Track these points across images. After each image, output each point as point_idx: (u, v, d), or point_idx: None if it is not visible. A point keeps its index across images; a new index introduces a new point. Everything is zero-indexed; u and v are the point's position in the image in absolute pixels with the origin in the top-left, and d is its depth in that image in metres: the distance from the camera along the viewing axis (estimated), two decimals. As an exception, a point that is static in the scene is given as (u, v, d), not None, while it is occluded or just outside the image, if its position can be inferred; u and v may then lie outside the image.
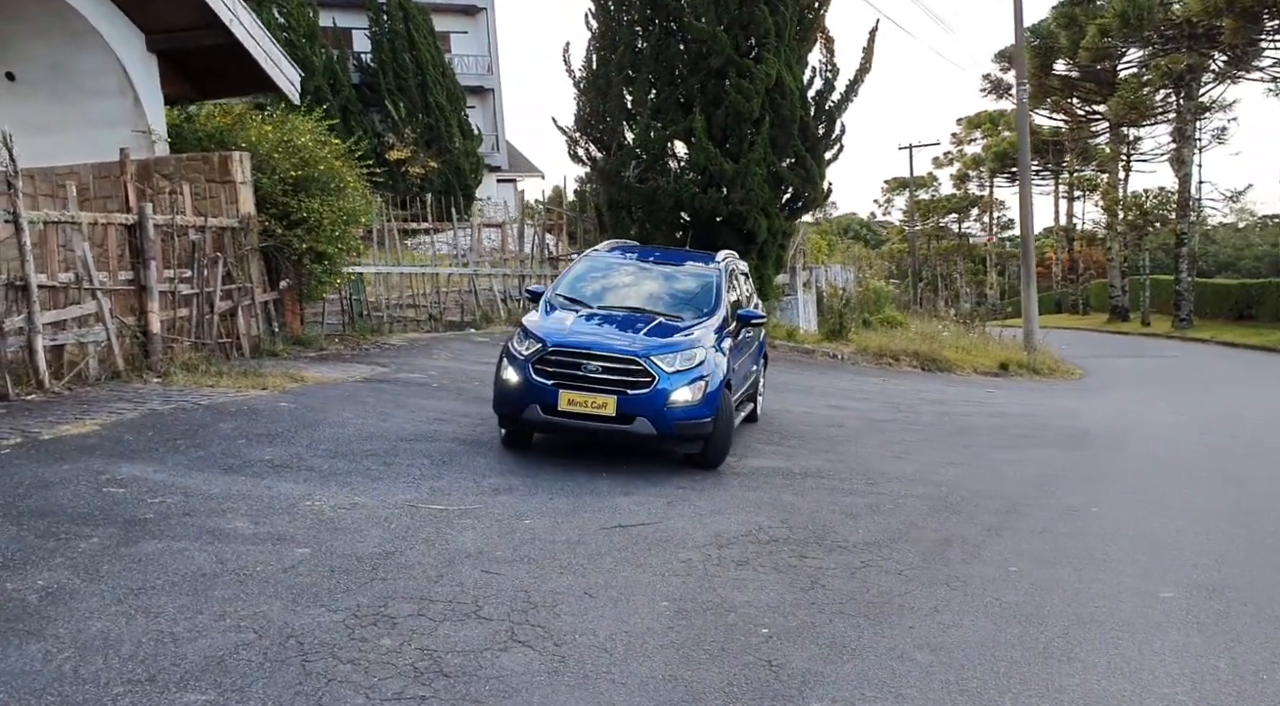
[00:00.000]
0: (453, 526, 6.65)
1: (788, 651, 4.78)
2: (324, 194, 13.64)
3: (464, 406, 10.84)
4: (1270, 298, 46.18)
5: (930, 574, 6.03)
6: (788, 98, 18.11)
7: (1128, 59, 50.86)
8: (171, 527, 6.24)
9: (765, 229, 18.05)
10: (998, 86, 58.74)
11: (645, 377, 8.13)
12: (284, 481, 7.42)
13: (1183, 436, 12.15)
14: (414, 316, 17.49)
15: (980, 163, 76.37)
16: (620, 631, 5.00)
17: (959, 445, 10.74)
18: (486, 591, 5.51)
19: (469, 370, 13.28)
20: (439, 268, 17.84)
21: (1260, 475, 9.76)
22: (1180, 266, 44.84)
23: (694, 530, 6.81)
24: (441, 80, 38.51)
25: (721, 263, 10.32)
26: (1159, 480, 9.23)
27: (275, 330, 13.70)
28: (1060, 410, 14.26)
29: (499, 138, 47.64)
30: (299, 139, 13.83)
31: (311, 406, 10.09)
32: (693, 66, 18.32)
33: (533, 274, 19.41)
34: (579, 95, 19.57)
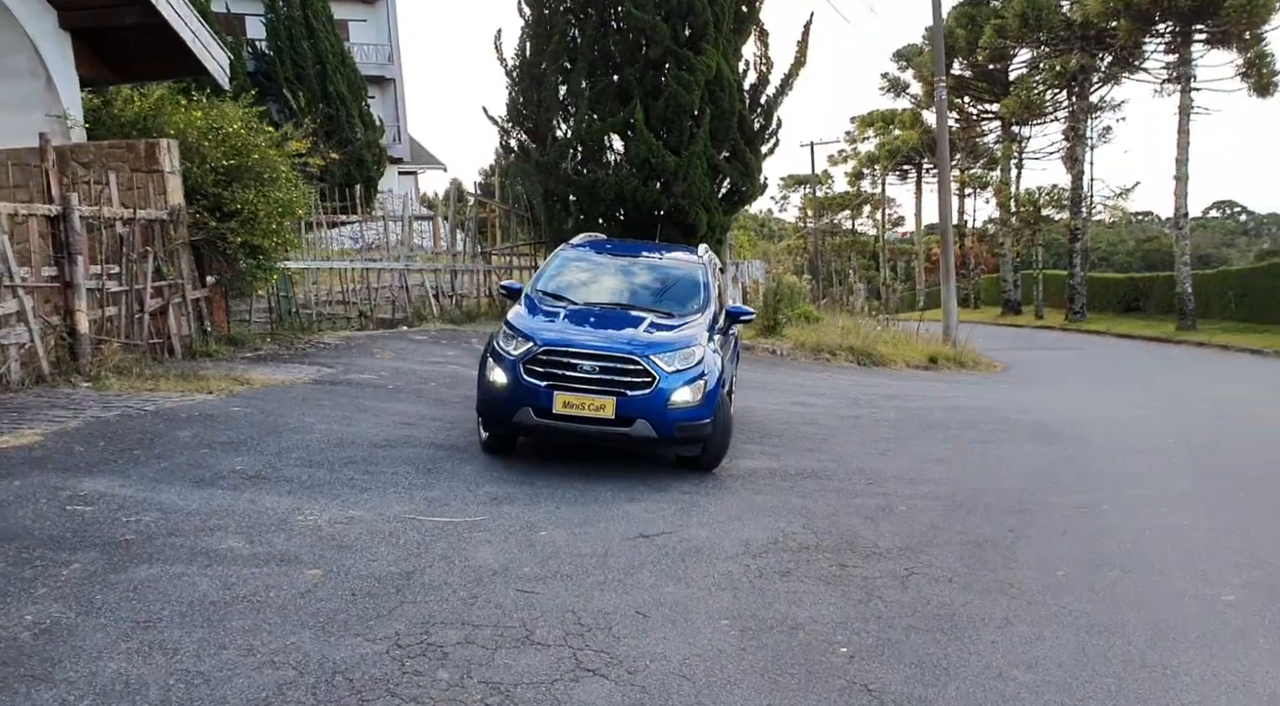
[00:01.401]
0: (466, 541, 6.19)
1: (878, 673, 4.49)
2: (258, 184, 12.88)
3: (428, 409, 10.30)
4: (1157, 291, 48.09)
5: (980, 580, 5.83)
6: (726, 90, 17.89)
7: (1019, 60, 52.31)
8: (159, 549, 5.65)
9: (705, 223, 17.82)
10: (895, 85, 59.76)
11: (645, 378, 7.76)
12: (266, 494, 6.85)
13: (1144, 427, 12.30)
14: (344, 313, 16.74)
15: (875, 161, 77.67)
16: (692, 655, 4.65)
17: (936, 440, 10.65)
18: (530, 613, 5.09)
19: (420, 370, 12.69)
20: (370, 263, 17.10)
21: (1242, 465, 9.89)
22: (1074, 261, 46.29)
23: (720, 539, 6.48)
24: (342, 69, 37.24)
25: (705, 256, 10.02)
26: (1149, 474, 9.25)
27: (207, 330, 12.90)
28: (1010, 403, 14.36)
29: (401, 129, 46.45)
30: (230, 126, 13.03)
31: (268, 411, 9.45)
32: (630, 56, 17.96)
33: (465, 269, 18.81)
34: (511, 85, 19.01)
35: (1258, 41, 38.11)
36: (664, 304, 8.98)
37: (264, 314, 15.32)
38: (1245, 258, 77.75)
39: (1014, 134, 55.15)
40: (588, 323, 8.40)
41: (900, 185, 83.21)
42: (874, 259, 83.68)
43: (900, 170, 78.72)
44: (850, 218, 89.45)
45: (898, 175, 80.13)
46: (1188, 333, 34.65)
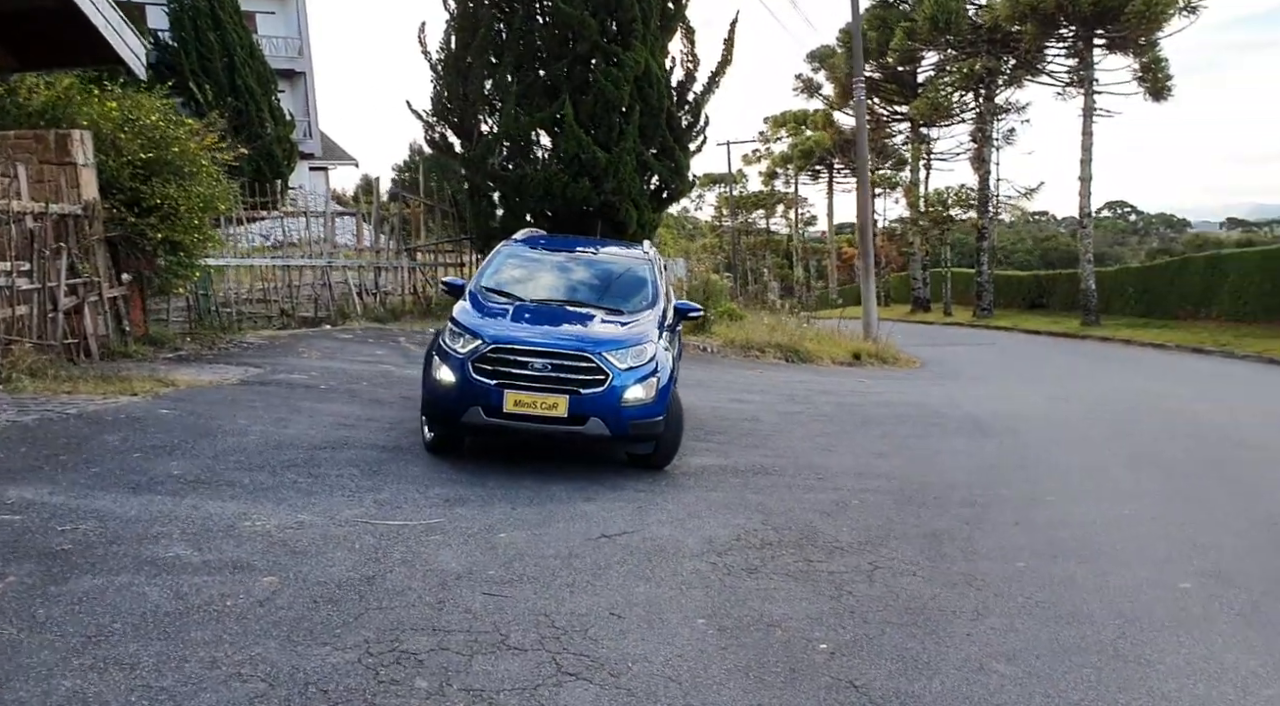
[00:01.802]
0: (424, 544, 6.02)
1: (861, 669, 4.47)
2: (179, 179, 12.40)
3: (364, 410, 10.04)
4: (1060, 288, 49.55)
5: (944, 573, 5.86)
6: (655, 86, 17.84)
7: (926, 63, 53.40)
8: (101, 559, 5.36)
9: (635, 220, 17.74)
10: (809, 86, 60.50)
11: (598, 375, 7.65)
12: (208, 499, 6.57)
13: (1068, 420, 12.59)
14: (265, 312, 16.26)
15: (788, 161, 78.52)
16: (674, 656, 4.57)
17: (874, 435, 10.74)
18: (502, 616, 4.95)
19: (350, 370, 12.37)
20: (292, 260, 16.63)
21: (1165, 454, 10.17)
22: (981, 259, 47.45)
23: (683, 537, 6.41)
24: (250, 62, 36.17)
25: (651, 251, 9.94)
26: (1084, 466, 9.44)
27: (125, 329, 12.37)
28: (937, 398, 14.59)
29: (312, 124, 45.40)
30: (147, 117, 12.52)
31: (198, 413, 9.09)
32: (557, 51, 17.79)
33: (389, 266, 18.42)
34: (436, 79, 18.68)
35: (1152, 47, 39.50)
36: (612, 300, 8.87)
37: (182, 313, 14.78)
38: (1137, 255, 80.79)
39: (922, 135, 56.26)
40: (537, 319, 8.25)
41: (813, 185, 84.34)
42: (787, 257, 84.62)
43: (813, 170, 79.81)
44: (764, 217, 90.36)
45: (810, 175, 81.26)
46: (1092, 328, 35.74)
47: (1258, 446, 10.64)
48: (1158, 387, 16.91)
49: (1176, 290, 35.48)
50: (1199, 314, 33.13)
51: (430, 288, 19.31)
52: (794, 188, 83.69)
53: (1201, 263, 34.62)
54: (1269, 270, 28.68)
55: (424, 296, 19.00)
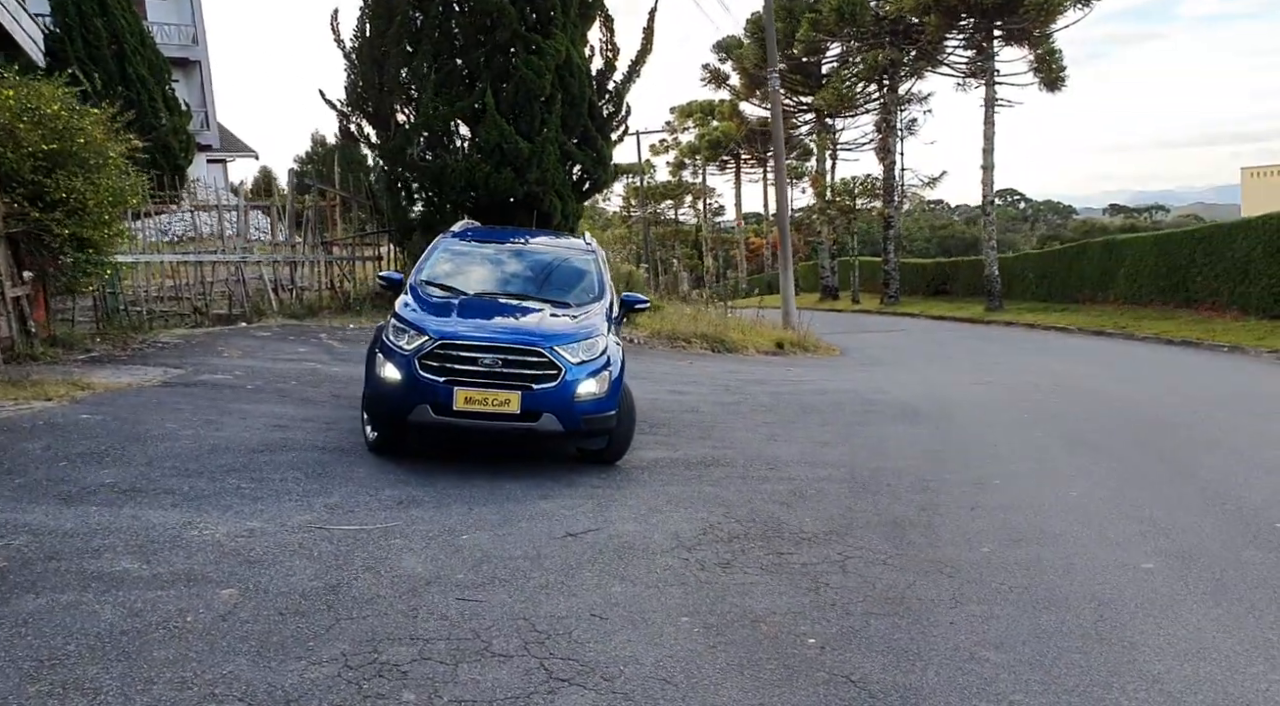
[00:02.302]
0: (384, 549, 5.80)
1: (854, 662, 4.42)
2: (85, 171, 11.80)
3: (297, 410, 9.69)
4: (962, 274, 50.77)
5: (913, 561, 5.87)
6: (577, 75, 17.63)
7: (830, 54, 54.03)
8: (42, 576, 5.04)
9: (560, 211, 17.53)
10: (716, 76, 60.74)
11: (550, 370, 7.49)
12: (148, 509, 6.24)
13: (994, 404, 12.81)
14: (177, 310, 15.63)
15: (696, 151, 78.89)
16: (664, 657, 4.46)
17: (814, 424, 10.78)
18: (480, 622, 4.79)
19: (275, 369, 11.95)
20: (205, 255, 16.02)
21: (1094, 434, 10.40)
22: (888, 247, 48.30)
23: (649, 533, 6.30)
24: (141, 50, 34.68)
25: (593, 243, 9.79)
26: (1023, 448, 9.59)
27: (31, 331, 11.75)
28: (864, 385, 14.74)
29: (209, 114, 43.89)
30: (48, 107, 11.87)
31: (122, 417, 8.67)
32: (475, 40, 17.44)
33: (306, 259, 17.88)
34: (350, 68, 18.16)
35: (1047, 39, 40.65)
36: (558, 293, 8.71)
37: (89, 312, 14.12)
38: (1030, 241, 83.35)
39: (828, 126, 56.99)
40: (484, 313, 8.04)
41: (720, 175, 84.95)
42: (696, 248, 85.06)
43: (720, 161, 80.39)
44: (673, 208, 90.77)
45: (717, 166, 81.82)
46: (996, 313, 36.66)
47: (1184, 426, 10.96)
48: (1071, 370, 17.37)
49: (1075, 275, 36.59)
50: (1097, 297, 34.22)
51: (348, 282, 18.82)
52: (702, 178, 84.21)
53: (1098, 248, 35.76)
54: (1162, 254, 29.75)
55: (341, 291, 18.50)
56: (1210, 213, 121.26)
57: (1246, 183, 52.18)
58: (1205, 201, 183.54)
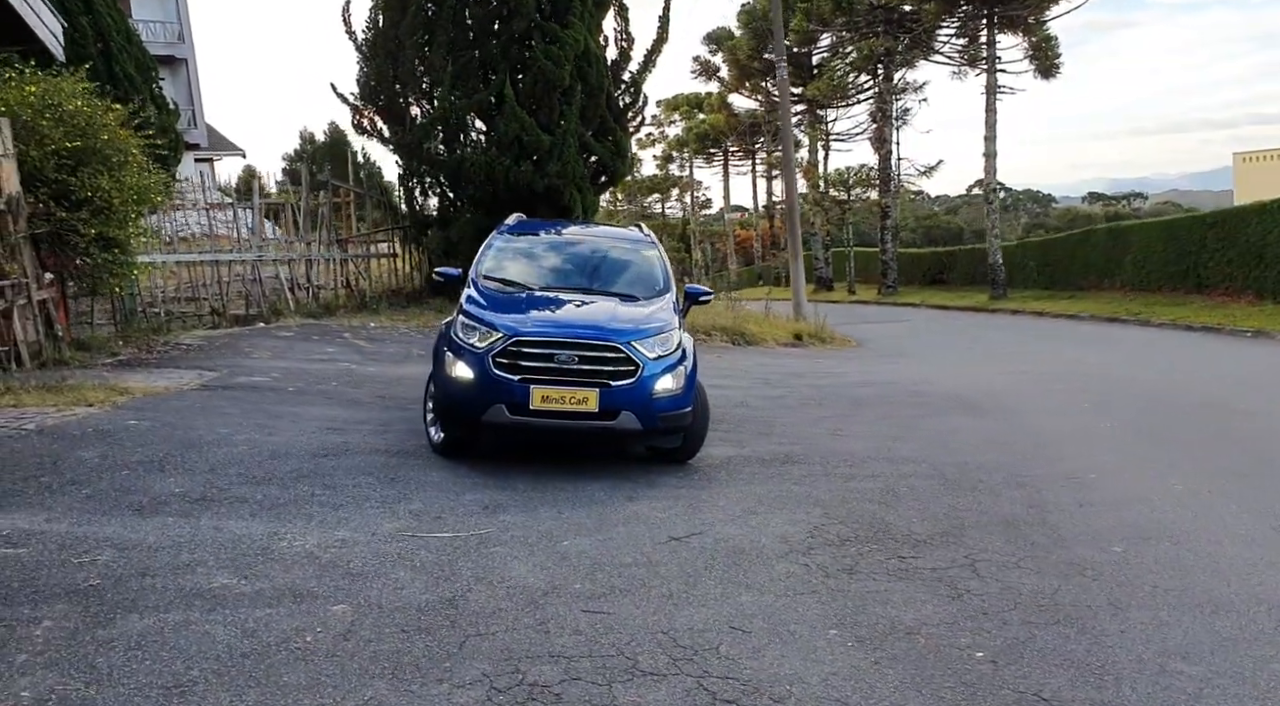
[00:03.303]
0: (488, 558, 5.51)
1: (1037, 679, 4.13)
2: (109, 169, 11.44)
3: (346, 412, 9.37)
4: (960, 263, 50.69)
5: (1047, 563, 5.58)
6: (595, 65, 17.33)
7: (821, 45, 53.73)
8: (140, 594, 4.73)
9: (580, 203, 17.24)
10: (707, 68, 60.50)
11: (628, 367, 7.20)
12: (227, 519, 5.93)
13: (1043, 393, 12.55)
14: (195, 311, 15.26)
15: (684, 144, 78.52)
16: (828, 675, 4.16)
17: (873, 418, 10.51)
18: (618, 637, 4.49)
19: (310, 369, 11.62)
20: (221, 254, 15.64)
21: (1159, 425, 10.17)
22: (885, 237, 48.08)
23: (755, 537, 6.02)
24: (128, 48, 34.07)
25: (650, 233, 9.50)
26: (1098, 439, 9.30)
27: (58, 334, 11.39)
28: (904, 376, 14.50)
29: (196, 113, 43.31)
30: (70, 103, 11.50)
31: (170, 423, 8.34)
32: (492, 31, 17.11)
33: (322, 258, 17.51)
34: (363, 61, 17.80)
35: (1042, 26, 40.55)
36: (624, 286, 8.41)
37: (106, 314, 13.75)
38: (1015, 230, 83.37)
39: (820, 117, 56.79)
40: (554, 309, 7.75)
41: (707, 168, 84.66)
42: (683, 241, 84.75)
43: (708, 153, 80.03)
44: (660, 201, 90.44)
45: (704, 159, 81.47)
46: (1001, 301, 36.53)
47: (1251, 414, 10.73)
48: (1100, 358, 17.19)
49: (1079, 262, 36.48)
50: (1103, 284, 34.11)
51: (363, 280, 18.46)
52: (689, 171, 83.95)
53: (1103, 234, 35.66)
54: (1171, 240, 29.64)
55: (357, 289, 18.14)
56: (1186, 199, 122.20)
57: (1239, 168, 52.24)
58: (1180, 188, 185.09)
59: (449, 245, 17.71)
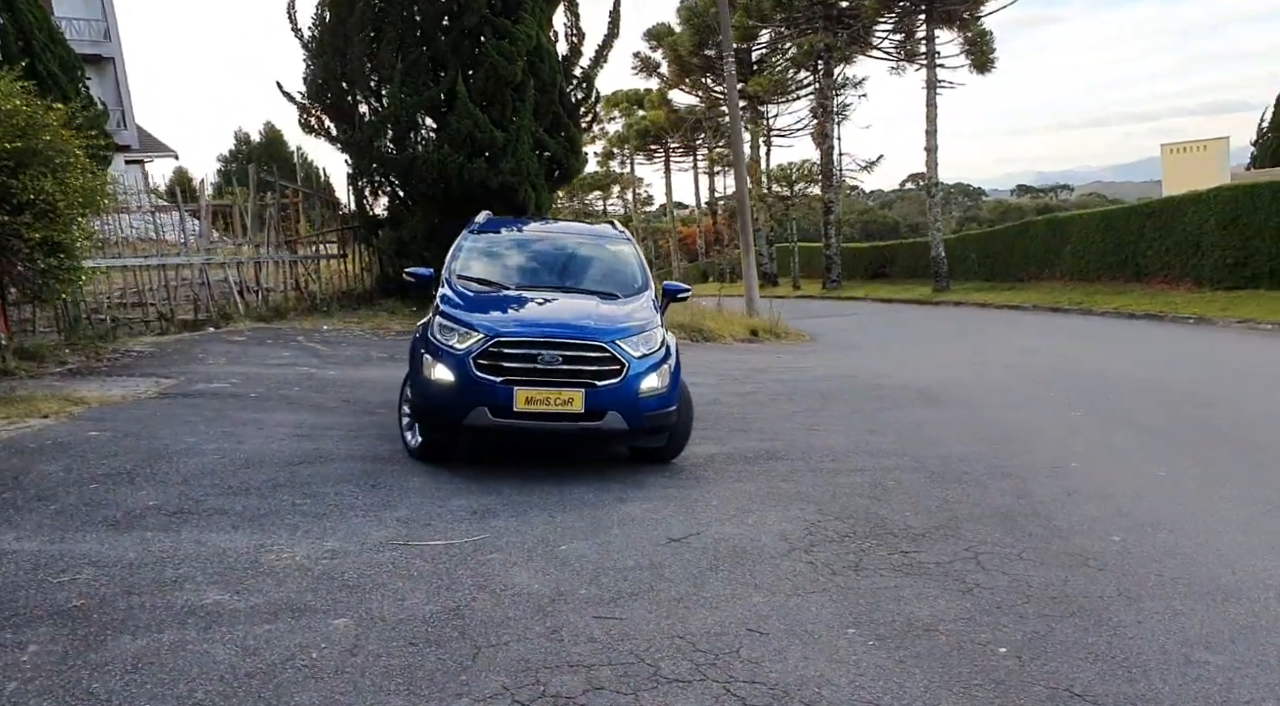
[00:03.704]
0: (486, 565, 5.36)
1: (1066, 673, 4.07)
2: (53, 171, 11.00)
3: (312, 418, 9.12)
4: (901, 257, 51.30)
5: (1049, 554, 5.55)
6: (547, 61, 17.14)
7: (760, 41, 53.92)
8: (129, 614, 4.52)
9: (534, 201, 17.02)
10: (648, 64, 60.33)
11: (614, 366, 7.07)
12: (208, 532, 5.71)
13: (1003, 384, 12.62)
14: (141, 317, 14.80)
15: (625, 141, 78.29)
16: (855, 676, 4.08)
17: (843, 412, 10.50)
18: (634, 643, 4.38)
19: (268, 375, 11.31)
20: (167, 258, 15.18)
21: (1126, 411, 10.28)
22: (829, 232, 48.43)
23: (755, 535, 5.94)
24: (51, 46, 33.00)
25: (624, 229, 9.38)
26: (1070, 429, 9.35)
27: (2, 344, 10.95)
28: (862, 370, 14.54)
29: (125, 114, 42.12)
30: (7, 102, 11.04)
31: (132, 432, 8.04)
32: (442, 26, 16.83)
33: (271, 259, 17.10)
34: (310, 58, 17.41)
35: (976, 21, 41.11)
36: (601, 284, 8.28)
37: (49, 322, 13.28)
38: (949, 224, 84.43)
39: (760, 113, 57.00)
40: (534, 308, 7.58)
41: (648, 165, 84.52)
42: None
43: (649, 150, 79.92)
44: (601, 198, 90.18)
45: (645, 156, 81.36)
46: (944, 294, 36.99)
47: (1218, 401, 10.87)
48: (1053, 346, 17.42)
49: (1018, 253, 37.08)
50: (1042, 275, 34.70)
51: (313, 282, 18.07)
52: (630, 168, 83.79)
53: (1043, 226, 36.26)
54: (1110, 230, 30.23)
55: (307, 292, 17.75)
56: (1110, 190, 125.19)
57: (1166, 159, 53.37)
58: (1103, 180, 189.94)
59: (401, 245, 17.41)
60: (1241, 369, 13.88)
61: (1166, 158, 57.14)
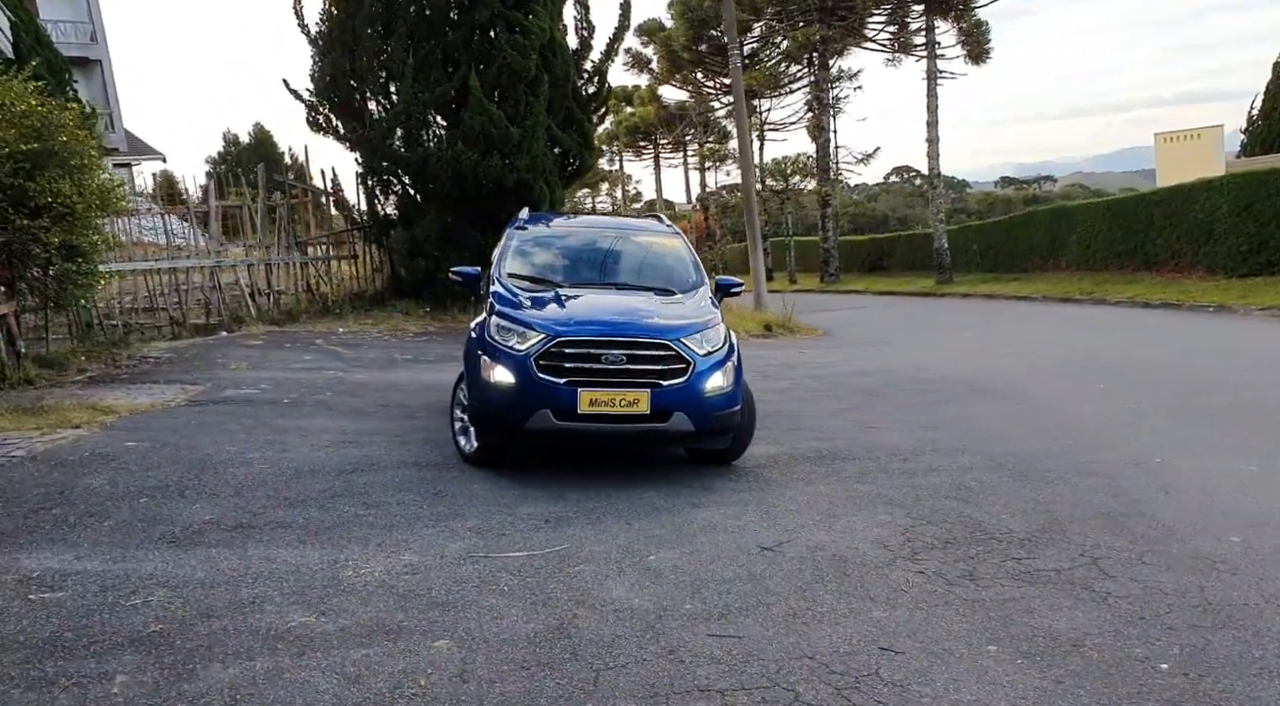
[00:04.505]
0: (577, 577, 5.06)
1: (1245, 691, 3.75)
2: (69, 172, 10.67)
3: (352, 423, 8.81)
4: (899, 250, 51.19)
5: (1169, 558, 5.23)
6: (560, 54, 16.83)
7: (752, 35, 53.60)
8: (213, 639, 4.22)
9: (549, 198, 16.72)
10: (639, 60, 59.90)
11: (679, 365, 6.78)
12: (275, 548, 5.40)
13: (1050, 375, 12.35)
14: (153, 322, 14.45)
15: (614, 137, 77.91)
16: (1016, 700, 3.72)
17: (893, 407, 10.22)
18: (762, 665, 4.07)
19: (297, 379, 10.99)
20: (179, 261, 14.82)
21: (1187, 402, 10.00)
22: (826, 226, 48.13)
23: (850, 542, 5.65)
24: (39, 49, 32.59)
25: (671, 224, 9.08)
26: (1136, 421, 9.06)
27: (20, 352, 10.62)
28: (896, 364, 14.28)
29: (113, 116, 41.59)
30: (22, 103, 10.69)
31: (171, 442, 7.73)
32: (453, 20, 16.51)
33: (282, 261, 16.74)
34: (317, 55, 17.05)
35: (971, 11, 40.93)
36: (656, 279, 7.98)
37: (63, 329, 12.93)
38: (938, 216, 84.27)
39: (754, 107, 56.66)
40: (592, 306, 7.27)
41: (637, 161, 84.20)
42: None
43: (638, 147, 79.59)
44: (590, 196, 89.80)
45: (634, 152, 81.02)
46: (948, 286, 36.75)
47: (1259, 387, 10.66)
48: (1079, 337, 17.15)
49: (1021, 244, 36.91)
50: (1047, 265, 34.53)
51: (324, 284, 17.73)
52: (619, 165, 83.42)
53: (1046, 216, 36.09)
54: (1117, 219, 30.06)
55: (319, 294, 17.41)
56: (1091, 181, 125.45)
57: (1161, 147, 53.30)
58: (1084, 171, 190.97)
59: (414, 245, 17.10)
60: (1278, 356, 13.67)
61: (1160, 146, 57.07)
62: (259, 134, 59.97)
